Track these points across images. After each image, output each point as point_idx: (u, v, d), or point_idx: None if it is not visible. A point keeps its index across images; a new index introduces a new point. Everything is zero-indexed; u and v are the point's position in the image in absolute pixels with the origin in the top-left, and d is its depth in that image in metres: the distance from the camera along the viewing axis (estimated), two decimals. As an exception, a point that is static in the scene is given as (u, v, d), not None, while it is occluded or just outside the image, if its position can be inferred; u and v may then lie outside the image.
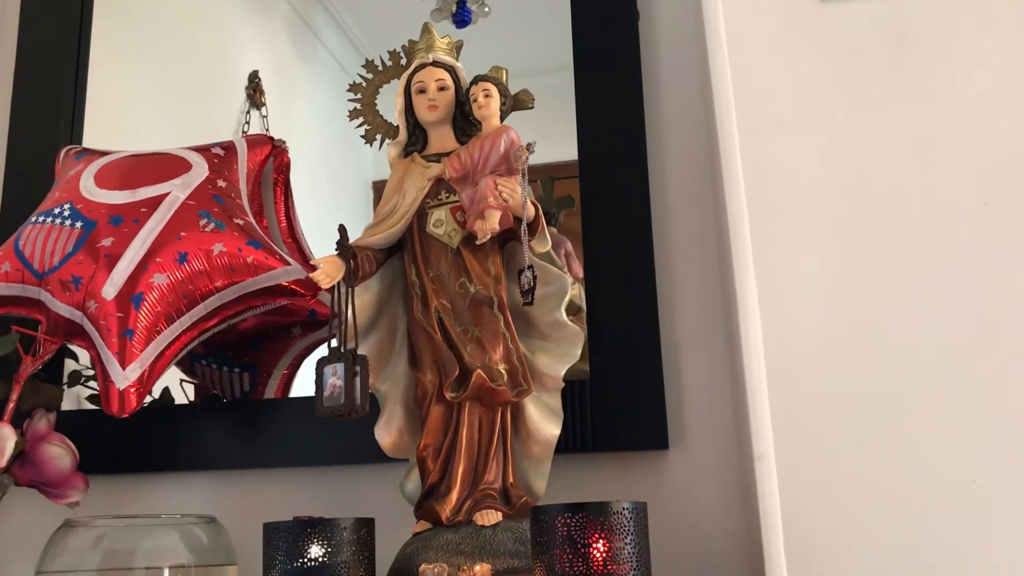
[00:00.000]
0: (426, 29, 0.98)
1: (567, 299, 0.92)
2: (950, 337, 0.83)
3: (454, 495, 0.87)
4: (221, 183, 1.07)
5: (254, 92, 1.36)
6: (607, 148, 1.11)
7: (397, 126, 0.98)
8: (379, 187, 0.99)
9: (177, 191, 1.03)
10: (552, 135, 1.13)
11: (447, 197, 0.93)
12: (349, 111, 1.00)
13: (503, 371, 0.89)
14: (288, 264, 1.01)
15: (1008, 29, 0.90)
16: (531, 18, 1.29)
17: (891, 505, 0.81)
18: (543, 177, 1.17)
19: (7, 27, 1.36)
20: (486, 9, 1.24)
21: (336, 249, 0.90)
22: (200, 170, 1.07)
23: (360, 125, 1.00)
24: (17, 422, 0.98)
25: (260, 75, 1.36)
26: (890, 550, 0.80)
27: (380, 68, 1.00)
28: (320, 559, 0.79)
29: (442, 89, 0.95)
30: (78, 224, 1.01)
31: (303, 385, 1.18)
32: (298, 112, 1.41)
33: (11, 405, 0.99)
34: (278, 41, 1.43)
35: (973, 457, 0.80)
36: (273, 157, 1.16)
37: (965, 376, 0.82)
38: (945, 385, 0.82)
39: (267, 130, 1.34)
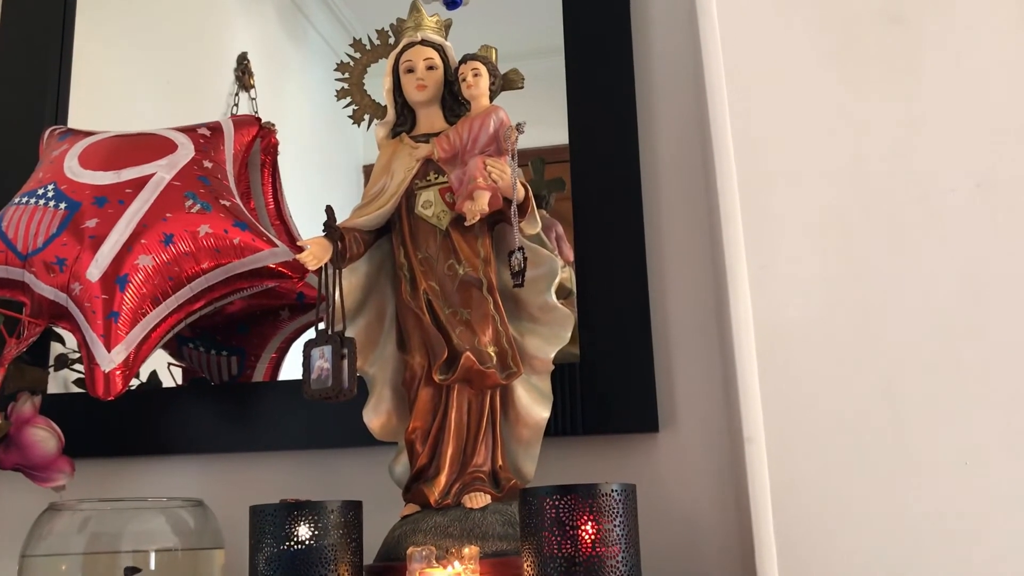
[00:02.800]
0: (414, 7, 0.97)
1: (557, 281, 0.91)
2: (942, 319, 0.83)
3: (443, 478, 0.87)
4: (207, 164, 1.06)
5: (243, 74, 1.34)
6: (598, 131, 1.10)
7: (385, 106, 0.97)
8: (369, 171, 0.97)
9: (162, 172, 1.02)
10: (543, 119, 1.12)
11: (436, 178, 0.92)
12: (337, 91, 0.99)
13: (492, 353, 0.88)
14: (275, 246, 1.00)
15: (1005, 9, 0.89)
16: (521, 0, 1.28)
17: (882, 488, 0.80)
18: (534, 159, 1.17)
19: (-9, 6, 1.34)
20: (477, -10, 1.22)
21: (323, 230, 0.89)
22: (186, 151, 1.06)
23: (348, 105, 0.99)
24: (1, 405, 0.98)
25: (249, 57, 1.35)
26: (881, 533, 0.79)
27: (368, 47, 0.99)
28: (307, 542, 0.79)
29: (431, 68, 0.94)
30: (62, 205, 1.00)
31: (291, 368, 1.18)
32: (288, 95, 1.40)
33: (-5, 388, 0.98)
34: (268, 23, 1.41)
35: (964, 439, 0.80)
36: (260, 138, 1.14)
37: (956, 358, 0.82)
38: (936, 367, 0.82)
39: (256, 112, 1.32)
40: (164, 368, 1.19)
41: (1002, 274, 0.83)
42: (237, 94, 1.33)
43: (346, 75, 0.99)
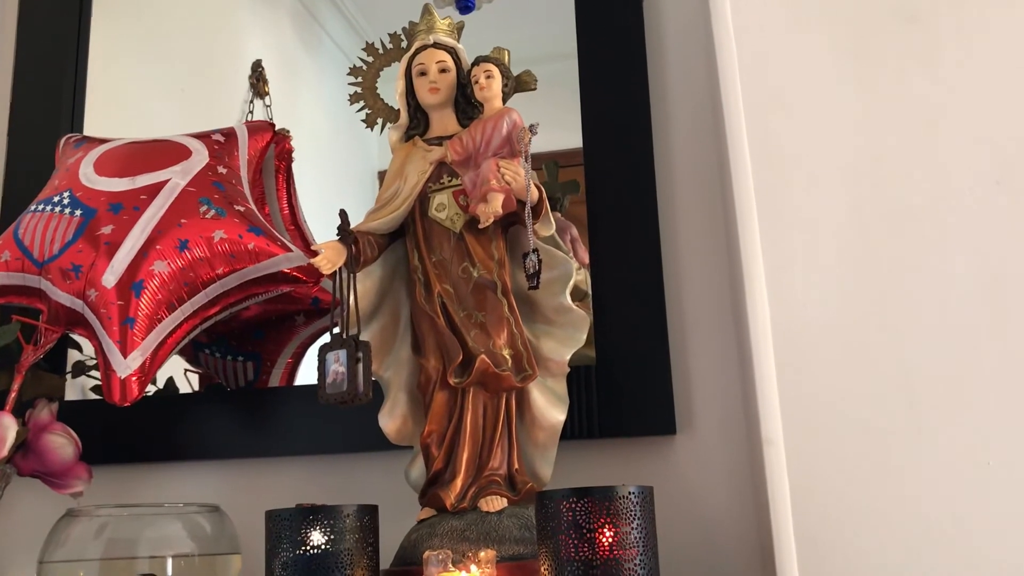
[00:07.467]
0: (426, 11, 0.97)
1: (572, 283, 0.91)
2: (960, 319, 0.82)
3: (459, 482, 0.87)
4: (221, 170, 1.06)
5: (257, 81, 1.35)
6: (612, 133, 1.10)
7: (398, 110, 0.97)
8: (384, 175, 0.97)
9: (177, 178, 1.03)
10: (557, 122, 1.11)
11: (449, 181, 0.92)
12: (350, 95, 0.99)
13: (507, 356, 0.88)
14: (290, 250, 1.00)
15: (1019, 5, 0.88)
16: (535, 4, 1.28)
17: (902, 489, 0.80)
18: (548, 162, 1.16)
19: (7, 16, 1.35)
20: (490, -6, 1.22)
21: (337, 235, 0.89)
22: (200, 157, 1.06)
23: (361, 109, 0.99)
24: (19, 412, 0.98)
25: (263, 64, 1.35)
26: (901, 535, 0.79)
27: (380, 51, 0.99)
28: (323, 547, 0.78)
29: (443, 71, 0.94)
30: (78, 212, 1.01)
31: (307, 373, 1.18)
32: (302, 101, 1.40)
33: (13, 395, 0.98)
34: (282, 30, 1.42)
35: (984, 439, 0.79)
36: (274, 144, 1.15)
37: (975, 358, 0.81)
38: (955, 367, 0.81)
39: (271, 119, 1.33)
40: (180, 374, 1.19)
41: (1023, 272, 0.82)
42: (252, 101, 1.34)
43: (359, 79, 0.99)
